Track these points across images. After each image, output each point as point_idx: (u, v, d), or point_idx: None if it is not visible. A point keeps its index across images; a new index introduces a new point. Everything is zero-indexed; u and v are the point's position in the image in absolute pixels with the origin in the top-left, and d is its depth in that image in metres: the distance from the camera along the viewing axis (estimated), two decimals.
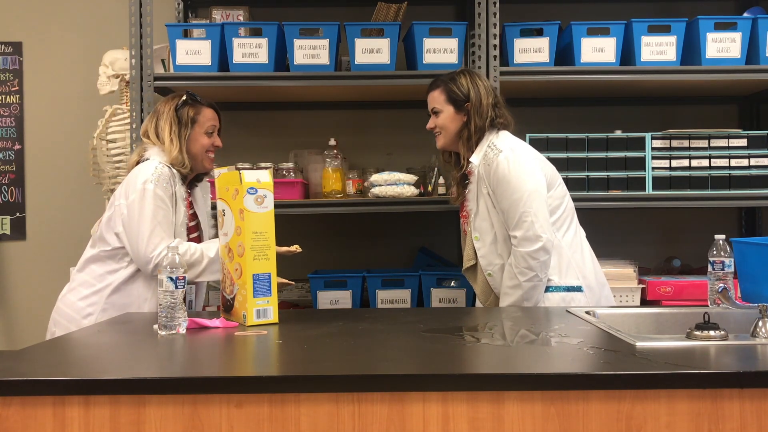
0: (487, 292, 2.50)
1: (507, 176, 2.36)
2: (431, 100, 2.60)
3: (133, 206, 2.38)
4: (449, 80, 2.55)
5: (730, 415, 1.37)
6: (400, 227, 3.63)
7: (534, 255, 2.32)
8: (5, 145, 3.71)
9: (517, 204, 2.34)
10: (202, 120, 2.53)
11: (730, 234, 2.42)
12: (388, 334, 1.89)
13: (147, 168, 2.43)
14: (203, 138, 2.53)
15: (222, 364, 1.65)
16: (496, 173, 2.38)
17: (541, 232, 2.32)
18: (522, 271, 2.33)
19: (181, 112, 2.51)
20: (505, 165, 2.37)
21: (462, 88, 2.52)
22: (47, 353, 1.70)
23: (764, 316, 1.69)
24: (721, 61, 3.06)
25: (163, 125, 2.51)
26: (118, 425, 1.38)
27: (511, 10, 3.21)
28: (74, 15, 3.67)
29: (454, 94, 2.52)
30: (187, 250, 2.38)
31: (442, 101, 2.55)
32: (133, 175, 2.45)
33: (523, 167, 2.38)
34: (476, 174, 2.45)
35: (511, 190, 2.35)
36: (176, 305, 1.85)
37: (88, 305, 2.44)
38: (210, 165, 2.60)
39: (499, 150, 2.40)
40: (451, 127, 2.53)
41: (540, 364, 1.54)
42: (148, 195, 2.37)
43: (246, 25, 3.16)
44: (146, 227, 2.36)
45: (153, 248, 2.35)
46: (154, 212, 2.36)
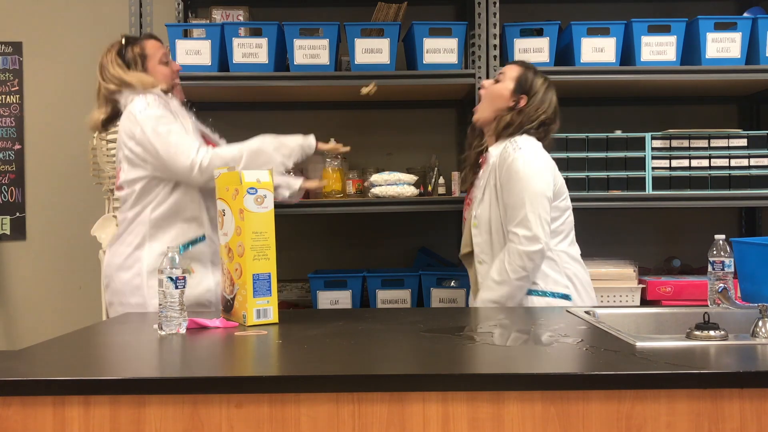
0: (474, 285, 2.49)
1: (519, 172, 2.35)
2: (506, 68, 2.57)
3: (145, 136, 2.35)
4: (532, 70, 2.54)
5: (730, 415, 1.37)
6: (400, 227, 3.63)
7: (531, 256, 2.31)
8: (5, 145, 3.71)
9: (523, 202, 2.33)
10: (151, 51, 2.50)
11: (730, 234, 2.42)
12: (388, 334, 1.89)
13: (133, 104, 2.40)
14: (161, 68, 2.50)
15: (222, 364, 1.65)
16: (510, 167, 2.36)
17: (542, 235, 2.32)
18: (515, 269, 2.32)
19: (126, 54, 2.47)
20: (521, 161, 2.36)
21: (534, 84, 2.50)
22: (47, 353, 1.70)
23: (764, 316, 1.69)
24: (721, 61, 3.06)
25: (113, 71, 2.46)
26: (118, 425, 1.38)
27: (511, 10, 3.21)
28: (74, 15, 3.67)
29: (523, 80, 2.50)
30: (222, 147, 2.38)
31: (512, 76, 2.51)
32: (125, 118, 2.41)
33: (538, 169, 2.37)
34: (490, 164, 2.44)
35: (521, 187, 2.34)
36: (176, 305, 1.85)
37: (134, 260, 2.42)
38: (181, 95, 2.57)
39: (518, 146, 2.39)
40: (497, 101, 2.50)
41: (540, 364, 1.54)
42: (151, 120, 2.35)
43: (246, 25, 3.16)
44: (166, 144, 2.33)
45: (186, 156, 2.32)
46: (168, 128, 2.34)
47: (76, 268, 3.62)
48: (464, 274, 3.06)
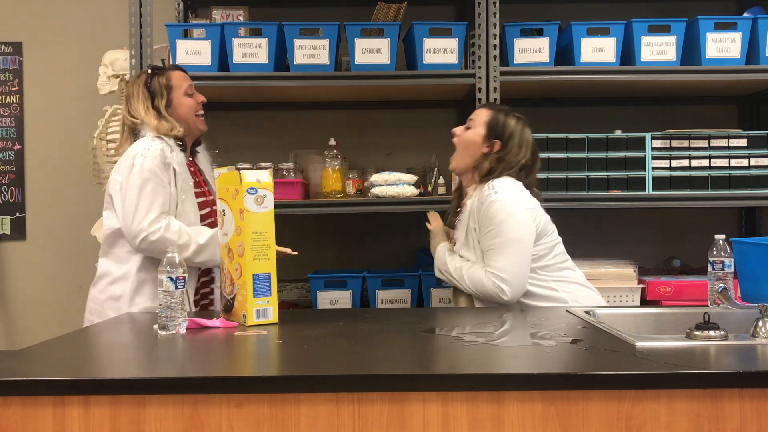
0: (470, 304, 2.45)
1: (495, 219, 2.31)
2: (476, 113, 2.55)
3: (123, 182, 2.39)
4: (502, 112, 2.51)
5: (730, 415, 1.37)
6: (400, 227, 3.62)
7: (497, 295, 2.30)
8: (5, 145, 3.71)
9: (498, 248, 2.30)
10: (177, 83, 2.54)
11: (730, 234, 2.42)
12: (388, 334, 1.89)
13: (138, 143, 2.45)
14: (186, 100, 2.54)
15: (222, 364, 1.65)
16: (486, 213, 2.32)
17: (515, 283, 2.29)
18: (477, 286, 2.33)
19: (152, 85, 2.51)
20: (497, 207, 2.31)
21: (506, 127, 2.46)
22: (47, 353, 1.71)
23: (764, 316, 1.69)
24: (721, 61, 3.05)
25: (136, 105, 2.51)
26: (118, 425, 1.38)
27: (511, 10, 3.21)
28: (74, 15, 3.67)
29: (494, 125, 2.46)
30: (176, 231, 2.37)
31: (482, 121, 2.49)
32: (125, 153, 2.45)
33: (514, 214, 2.32)
34: (468, 207, 2.43)
35: (494, 233, 2.31)
36: (176, 305, 1.85)
37: (119, 288, 2.44)
38: (203, 126, 2.60)
39: (494, 190, 2.35)
40: (470, 147, 2.47)
41: (540, 364, 1.54)
42: (136, 169, 2.37)
43: (246, 25, 3.16)
44: (132, 201, 2.36)
45: (138, 222, 2.34)
46: (141, 186, 2.36)
47: (76, 268, 3.62)
48: None
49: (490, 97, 3.02)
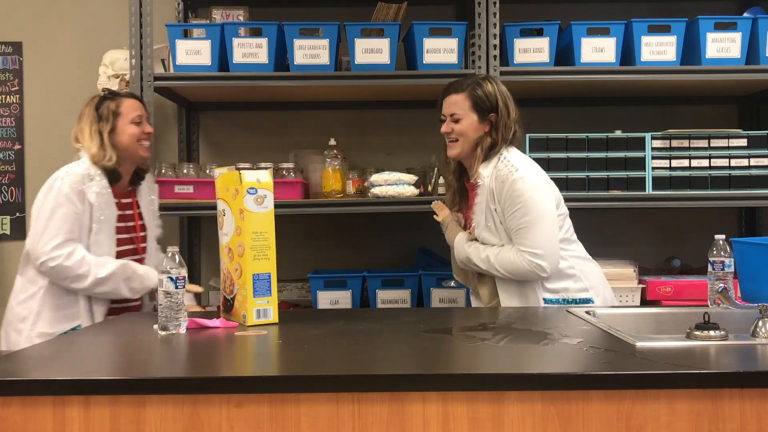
0: (493, 293, 2.44)
1: (521, 197, 2.29)
2: (452, 104, 2.44)
3: (39, 203, 2.44)
4: (476, 85, 2.42)
5: (730, 415, 1.37)
6: (400, 227, 3.62)
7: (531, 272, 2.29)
8: (5, 145, 3.71)
9: (527, 228, 2.29)
10: (125, 111, 2.56)
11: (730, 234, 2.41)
12: (388, 334, 1.89)
13: (64, 168, 2.50)
14: (130, 128, 2.55)
15: (222, 364, 1.65)
16: (511, 192, 2.30)
17: (550, 256, 2.29)
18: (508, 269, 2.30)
19: (102, 109, 2.54)
20: (521, 185, 2.30)
21: (490, 96, 2.41)
22: (47, 353, 1.71)
23: (764, 316, 1.69)
24: (721, 61, 3.05)
25: (83, 126, 2.55)
26: (118, 425, 1.38)
27: (511, 10, 3.21)
28: (74, 15, 3.67)
29: (481, 102, 2.40)
30: (78, 261, 2.39)
31: (467, 108, 2.41)
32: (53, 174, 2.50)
33: (538, 191, 2.32)
34: (486, 187, 2.36)
35: (523, 212, 2.29)
36: (176, 305, 1.85)
37: (24, 309, 2.47)
38: (145, 153, 2.61)
39: (514, 167, 2.33)
40: (472, 136, 2.41)
41: (540, 364, 1.54)
42: (53, 193, 2.42)
43: (246, 25, 3.16)
44: (41, 223, 2.40)
45: (42, 245, 2.38)
46: (52, 210, 2.40)
47: None
48: None
49: None
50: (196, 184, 3.08)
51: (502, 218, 2.34)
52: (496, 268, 2.33)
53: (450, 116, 2.45)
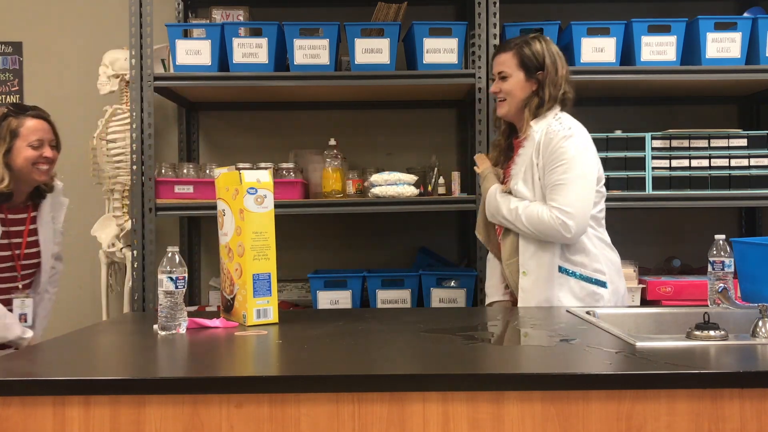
0: (513, 251, 2.41)
1: (566, 154, 2.30)
2: (499, 63, 2.48)
3: None
4: (523, 44, 2.45)
5: (730, 415, 1.37)
6: (400, 227, 3.62)
7: (559, 232, 2.28)
8: None
9: (564, 185, 2.30)
10: (25, 132, 2.46)
11: (730, 234, 2.41)
12: (388, 334, 1.89)
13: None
14: (27, 151, 2.45)
15: (222, 364, 1.65)
16: (558, 148, 2.31)
17: (579, 216, 2.28)
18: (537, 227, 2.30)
19: (2, 126, 2.46)
20: (569, 144, 2.31)
21: (537, 54, 2.42)
22: (47, 353, 1.71)
23: (764, 316, 1.69)
24: (721, 61, 3.05)
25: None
26: (118, 425, 1.38)
27: (511, 10, 3.21)
28: (74, 15, 3.67)
29: (527, 60, 2.42)
30: None
31: (513, 65, 2.44)
32: None
33: (584, 154, 2.34)
34: (534, 140, 2.37)
35: (564, 168, 2.30)
36: (176, 305, 1.85)
37: None
38: (42, 177, 2.52)
39: (567, 127, 2.35)
40: (519, 95, 2.43)
41: (540, 364, 1.54)
42: None
43: (246, 25, 3.16)
44: None
45: None
46: None
47: (76, 268, 3.62)
48: (464, 274, 3.07)
49: (490, 97, 3.02)
50: (196, 184, 3.08)
51: (542, 174, 2.35)
52: (522, 221, 2.33)
53: (498, 75, 2.49)
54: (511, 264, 2.41)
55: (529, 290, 2.36)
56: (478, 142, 3.02)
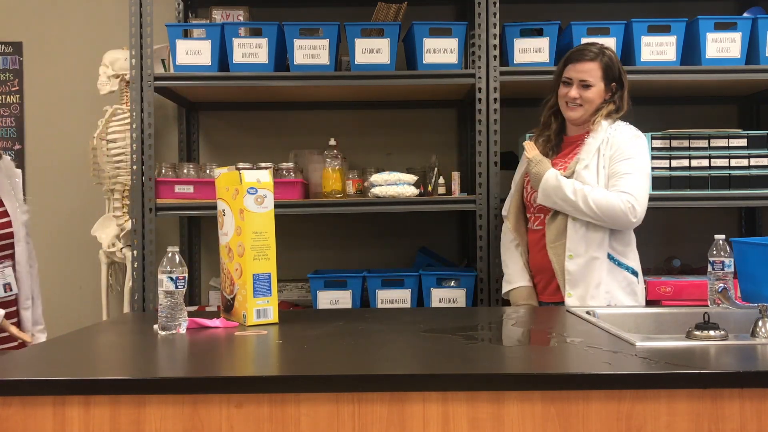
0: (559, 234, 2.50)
1: (634, 149, 2.50)
2: (584, 71, 2.56)
3: None
4: (602, 54, 2.56)
5: (730, 415, 1.37)
6: (400, 227, 3.62)
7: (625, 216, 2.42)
8: (5, 145, 3.71)
9: (633, 174, 2.46)
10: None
11: (730, 234, 2.42)
12: (388, 334, 1.89)
13: None
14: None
15: (222, 364, 1.65)
16: (628, 142, 2.50)
17: (640, 208, 2.44)
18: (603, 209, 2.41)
19: None
20: (638, 143, 2.53)
21: (615, 65, 2.57)
22: (47, 353, 1.71)
23: (764, 316, 1.69)
24: (721, 61, 3.05)
25: None
26: (118, 425, 1.38)
27: (511, 10, 3.21)
28: (74, 15, 3.67)
29: (609, 71, 2.56)
30: None
31: (598, 76, 2.55)
32: None
33: (648, 156, 2.58)
34: (602, 132, 2.52)
35: (633, 161, 2.48)
36: (176, 305, 1.85)
37: None
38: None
39: (637, 131, 2.57)
40: (596, 102, 2.56)
41: (540, 364, 1.54)
42: None
43: (246, 25, 3.16)
44: None
45: None
46: None
47: (76, 268, 3.62)
48: (464, 274, 3.07)
49: (490, 97, 3.02)
50: (196, 184, 3.08)
51: (607, 163, 2.49)
52: (588, 203, 2.42)
53: (579, 82, 2.56)
54: (557, 246, 2.50)
55: (576, 273, 2.46)
56: (478, 142, 3.02)
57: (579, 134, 2.61)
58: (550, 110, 2.68)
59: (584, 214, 2.44)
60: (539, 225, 2.58)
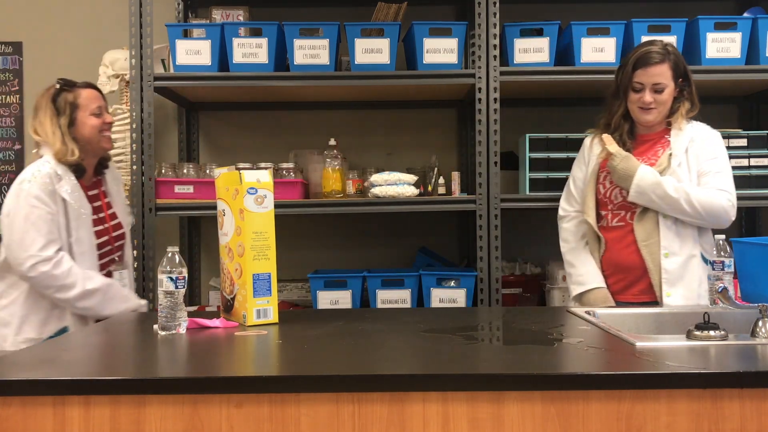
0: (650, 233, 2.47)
1: (720, 150, 2.53)
2: (656, 74, 2.49)
3: (8, 208, 2.37)
4: (669, 54, 2.51)
5: (730, 415, 1.37)
6: (400, 227, 3.63)
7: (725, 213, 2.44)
8: (5, 145, 3.71)
9: (724, 174, 2.48)
10: (84, 102, 2.48)
11: (730, 234, 2.42)
12: (388, 334, 1.89)
13: (29, 168, 2.43)
14: (92, 119, 2.48)
15: (222, 364, 1.65)
16: (714, 142, 2.53)
17: (733, 210, 2.47)
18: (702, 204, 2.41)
19: (59, 101, 2.47)
20: (722, 144, 2.56)
21: (681, 63, 2.54)
22: (47, 353, 1.70)
23: (764, 316, 1.69)
24: (721, 61, 3.05)
25: (42, 119, 2.47)
26: (118, 425, 1.38)
27: (511, 10, 3.21)
28: (74, 15, 3.67)
29: (677, 70, 2.52)
30: (65, 271, 2.33)
31: (669, 77, 2.50)
32: (18, 177, 2.42)
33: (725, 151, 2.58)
34: (686, 133, 2.52)
35: (722, 161, 2.51)
36: (176, 305, 1.85)
37: (8, 314, 2.40)
38: (108, 144, 2.55)
39: (709, 127, 2.59)
40: (669, 103, 2.53)
41: (540, 364, 1.54)
42: (23, 195, 2.35)
43: (246, 25, 3.16)
44: (18, 228, 2.32)
45: (25, 249, 2.31)
46: (27, 213, 2.33)
47: None
48: (464, 274, 3.07)
49: (490, 97, 3.02)
50: (196, 184, 3.08)
51: (694, 162, 2.49)
52: (690, 201, 2.42)
53: (652, 86, 2.51)
54: (650, 245, 2.47)
55: (675, 271, 2.44)
56: (478, 142, 3.02)
57: (656, 132, 2.57)
58: (619, 117, 2.59)
59: (683, 212, 2.43)
60: (620, 222, 2.52)
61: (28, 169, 2.43)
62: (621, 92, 2.57)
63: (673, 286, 2.43)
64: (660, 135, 2.56)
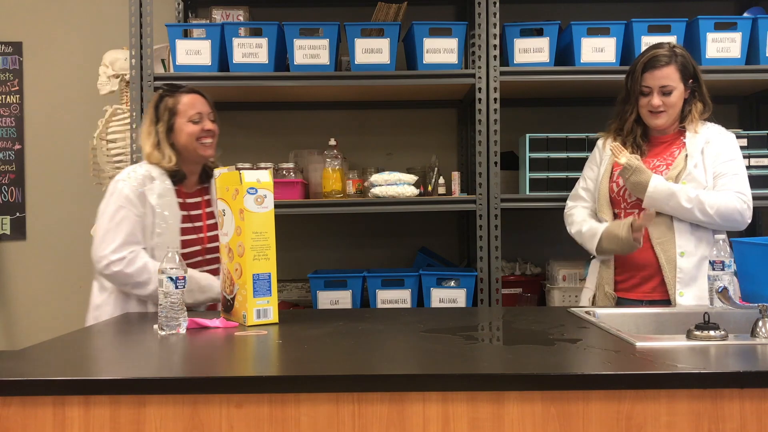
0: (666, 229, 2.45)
1: (735, 152, 2.51)
2: (663, 77, 2.47)
3: (102, 205, 2.41)
4: (679, 56, 2.49)
5: (730, 415, 1.37)
6: (400, 227, 3.63)
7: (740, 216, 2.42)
8: (5, 145, 3.71)
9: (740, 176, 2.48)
10: (183, 108, 2.45)
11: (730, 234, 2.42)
12: (388, 334, 1.89)
13: (127, 168, 2.47)
14: (189, 126, 2.44)
15: (222, 364, 1.65)
16: (729, 144, 2.51)
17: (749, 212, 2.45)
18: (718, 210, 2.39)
19: (160, 107, 2.46)
20: (737, 145, 2.54)
21: (690, 64, 2.51)
22: (47, 353, 1.70)
23: (764, 316, 1.69)
24: (721, 61, 3.05)
25: (144, 123, 2.50)
26: (118, 425, 1.38)
27: (511, 10, 3.21)
28: (74, 15, 3.67)
29: (686, 71, 2.49)
30: (139, 268, 2.33)
31: (677, 79, 2.48)
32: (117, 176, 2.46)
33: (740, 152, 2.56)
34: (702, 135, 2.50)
35: (738, 163, 2.49)
36: (176, 305, 1.85)
37: (102, 314, 2.43)
38: (206, 152, 2.48)
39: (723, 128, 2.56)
40: (679, 105, 2.52)
41: (540, 364, 1.54)
42: (115, 194, 2.38)
43: (246, 25, 3.16)
44: (102, 226, 2.37)
45: (103, 248, 2.35)
46: (113, 213, 2.36)
47: (76, 268, 3.62)
48: (464, 274, 3.07)
49: (490, 97, 3.02)
50: None
51: (710, 163, 2.47)
52: (704, 209, 2.40)
53: (660, 88, 2.49)
54: (665, 242, 2.45)
55: (689, 271, 2.42)
56: (478, 141, 3.02)
57: (670, 134, 2.55)
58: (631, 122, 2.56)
59: (698, 220, 2.42)
60: None
61: (126, 169, 2.46)
62: (632, 97, 2.55)
63: (687, 286, 2.41)
64: (675, 136, 2.55)
